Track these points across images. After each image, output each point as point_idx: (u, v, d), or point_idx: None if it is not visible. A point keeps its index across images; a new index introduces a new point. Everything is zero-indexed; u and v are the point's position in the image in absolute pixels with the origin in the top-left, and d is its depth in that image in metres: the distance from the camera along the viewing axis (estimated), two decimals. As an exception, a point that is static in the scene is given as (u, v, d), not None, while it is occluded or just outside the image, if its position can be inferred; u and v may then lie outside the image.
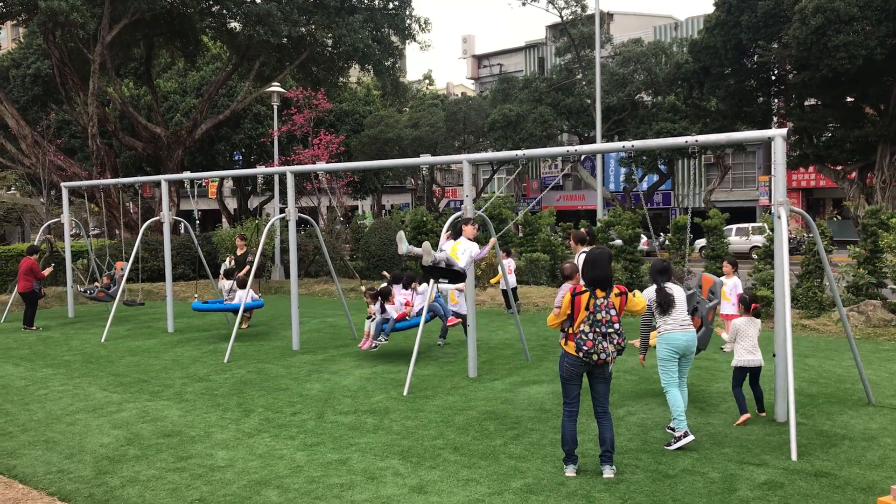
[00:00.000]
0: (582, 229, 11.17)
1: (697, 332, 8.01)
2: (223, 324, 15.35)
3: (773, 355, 7.73)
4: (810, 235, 14.10)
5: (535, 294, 17.33)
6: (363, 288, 11.98)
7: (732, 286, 11.08)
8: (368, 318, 11.30)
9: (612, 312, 6.08)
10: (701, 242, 21.76)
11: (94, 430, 7.92)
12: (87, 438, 7.64)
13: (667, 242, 18.74)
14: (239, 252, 15.30)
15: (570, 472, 6.25)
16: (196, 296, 15.92)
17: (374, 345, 11.10)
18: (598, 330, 6.03)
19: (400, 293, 11.55)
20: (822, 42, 23.86)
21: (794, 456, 6.53)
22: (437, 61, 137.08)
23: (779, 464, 6.44)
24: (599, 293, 6.09)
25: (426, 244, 8.94)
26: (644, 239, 16.35)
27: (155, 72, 33.30)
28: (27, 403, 9.18)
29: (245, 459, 6.88)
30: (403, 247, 9.14)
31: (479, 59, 60.18)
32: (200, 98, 30.95)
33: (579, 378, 6.25)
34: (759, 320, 7.92)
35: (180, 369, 11.07)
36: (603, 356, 6.03)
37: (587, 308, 6.06)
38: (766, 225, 16.02)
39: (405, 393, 9.19)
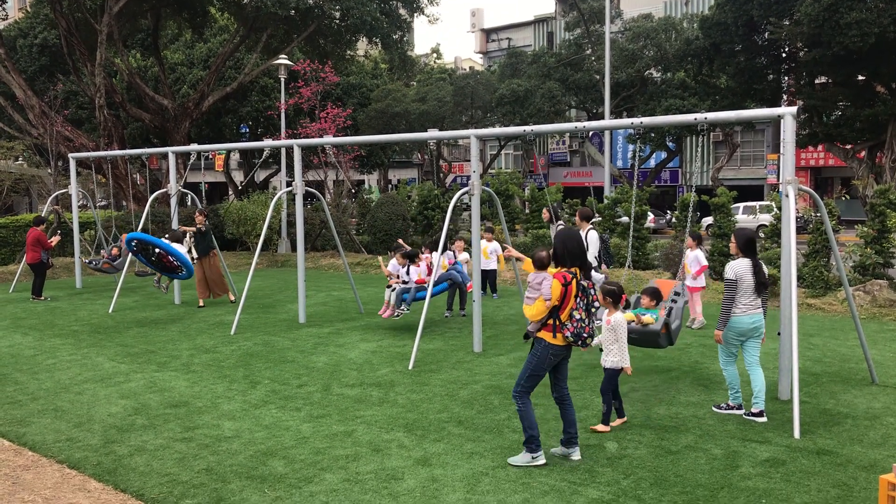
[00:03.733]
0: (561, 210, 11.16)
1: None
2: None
3: (779, 334, 7.74)
4: (818, 215, 14.06)
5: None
6: (380, 259, 12.01)
7: (694, 259, 11.21)
8: (389, 287, 11.34)
9: (593, 291, 6.00)
10: (708, 220, 21.71)
11: (102, 400, 8.01)
12: (96, 408, 7.72)
13: (673, 220, 18.71)
14: (199, 225, 14.28)
15: (543, 459, 5.98)
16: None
17: (396, 314, 11.08)
18: (591, 313, 5.93)
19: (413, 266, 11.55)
20: (835, 19, 23.59)
21: (796, 434, 6.56)
22: (445, 35, 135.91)
23: (781, 441, 6.48)
24: (579, 275, 5.93)
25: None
26: (651, 216, 16.24)
27: (162, 43, 33.12)
28: (36, 373, 9.27)
29: (251, 430, 6.95)
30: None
31: (488, 34, 59.70)
32: (207, 70, 30.82)
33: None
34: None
35: (187, 341, 11.15)
36: (594, 338, 6.02)
37: (577, 295, 5.86)
38: (773, 203, 15.97)
39: (410, 367, 9.25)
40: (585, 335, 5.88)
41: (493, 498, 5.41)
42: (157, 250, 12.27)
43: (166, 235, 13.04)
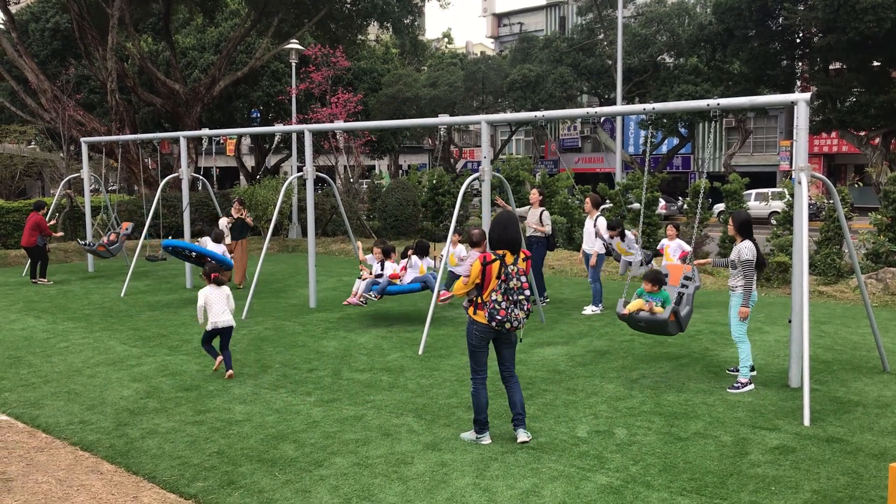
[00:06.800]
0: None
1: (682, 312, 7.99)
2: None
3: (789, 321, 7.72)
4: (831, 202, 13.97)
5: (552, 257, 17.32)
6: (359, 244, 11.93)
7: (676, 247, 11.67)
8: (359, 277, 11.11)
9: (524, 279, 6.03)
10: (719, 207, 21.61)
11: (114, 383, 8.07)
12: (108, 391, 7.78)
13: (685, 206, 18.62)
14: (236, 215, 14.96)
15: (487, 439, 6.21)
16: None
17: (362, 300, 10.76)
18: (510, 298, 5.95)
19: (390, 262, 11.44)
20: (850, 4, 23.38)
21: (806, 421, 6.55)
22: (457, 20, 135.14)
23: (791, 429, 6.47)
24: (509, 259, 6.00)
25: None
26: (662, 203, 16.18)
27: (173, 27, 33.10)
28: (49, 355, 9.34)
29: (262, 414, 6.99)
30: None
31: (500, 18, 59.38)
32: (218, 54, 30.80)
33: (487, 345, 6.18)
34: (225, 287, 8.23)
35: (198, 324, 11.19)
36: (515, 323, 5.99)
37: (498, 277, 5.96)
38: (786, 190, 15.88)
39: (420, 352, 9.28)
40: (500, 318, 5.93)
41: (501, 483, 5.43)
42: (193, 253, 12.99)
43: (201, 239, 13.68)
